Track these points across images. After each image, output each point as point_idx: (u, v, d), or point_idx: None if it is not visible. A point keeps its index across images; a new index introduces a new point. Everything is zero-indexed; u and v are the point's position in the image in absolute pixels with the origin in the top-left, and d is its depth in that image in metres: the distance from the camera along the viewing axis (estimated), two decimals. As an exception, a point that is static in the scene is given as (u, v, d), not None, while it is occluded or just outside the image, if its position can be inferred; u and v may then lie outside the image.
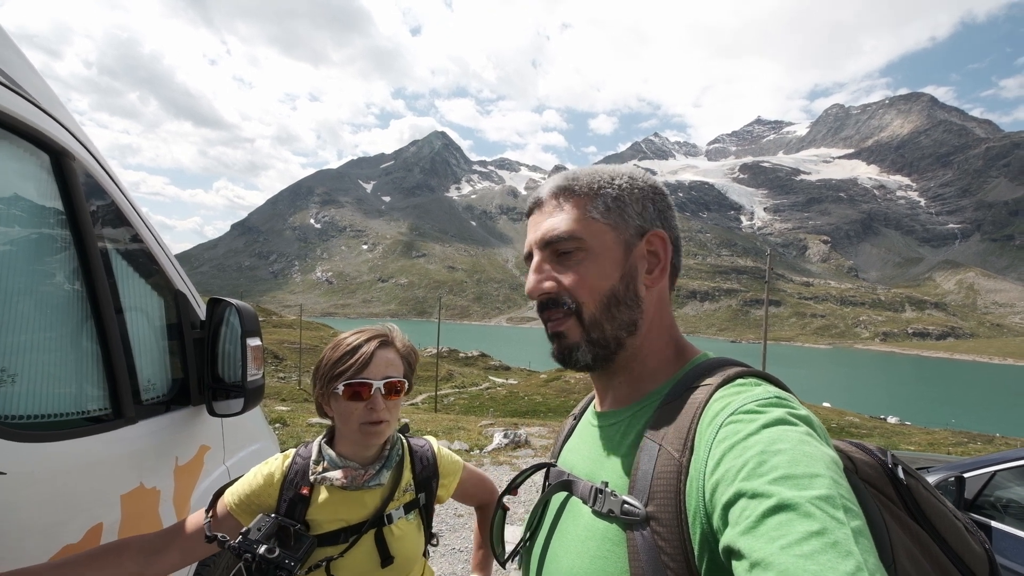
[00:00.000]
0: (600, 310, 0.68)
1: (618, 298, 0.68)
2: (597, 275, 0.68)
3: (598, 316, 0.68)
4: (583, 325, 0.69)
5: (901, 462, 0.65)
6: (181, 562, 1.02)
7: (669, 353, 0.71)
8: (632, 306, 0.69)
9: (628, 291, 0.69)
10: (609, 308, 0.68)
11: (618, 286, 0.68)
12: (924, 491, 0.64)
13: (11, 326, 0.99)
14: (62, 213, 1.11)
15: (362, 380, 1.05)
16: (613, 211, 0.69)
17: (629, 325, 0.69)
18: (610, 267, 0.68)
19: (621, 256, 0.69)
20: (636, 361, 0.71)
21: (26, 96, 1.01)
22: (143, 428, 1.28)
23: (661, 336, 0.71)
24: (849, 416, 38.07)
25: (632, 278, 0.69)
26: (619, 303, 0.68)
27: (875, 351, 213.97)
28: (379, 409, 1.06)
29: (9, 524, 0.91)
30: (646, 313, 0.70)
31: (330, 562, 1.05)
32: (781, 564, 0.42)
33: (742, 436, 0.52)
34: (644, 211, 0.70)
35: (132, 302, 1.33)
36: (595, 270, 0.68)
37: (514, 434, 10.28)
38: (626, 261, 0.69)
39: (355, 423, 1.06)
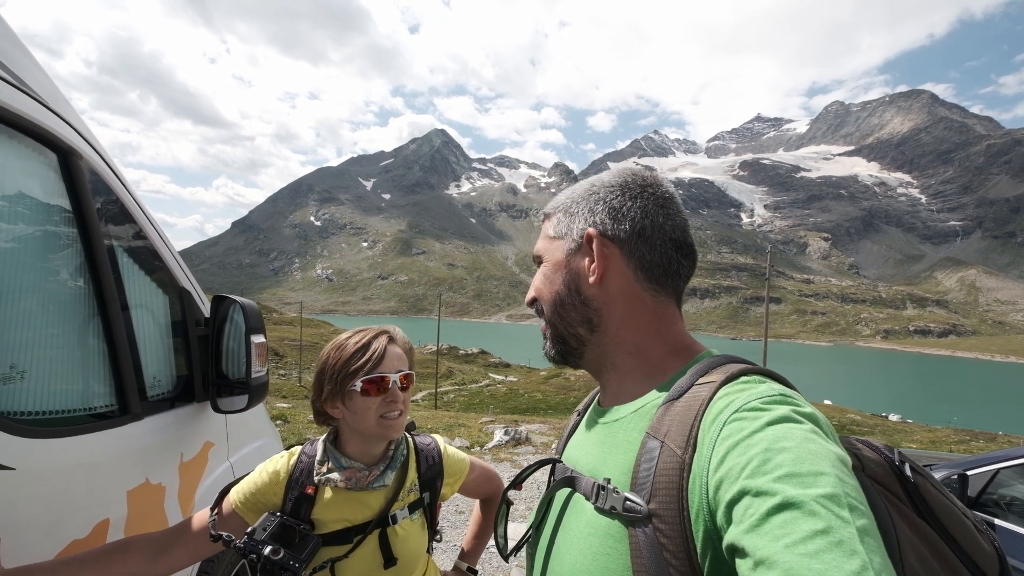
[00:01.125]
0: (551, 312, 0.76)
1: (563, 300, 0.74)
2: (545, 283, 0.77)
3: (551, 318, 0.76)
4: (547, 324, 0.78)
5: (909, 459, 0.65)
6: (187, 560, 1.02)
7: (662, 350, 0.72)
8: (579, 306, 0.73)
9: (571, 293, 0.73)
10: (556, 310, 0.75)
11: (561, 290, 0.74)
12: (932, 489, 0.63)
13: (19, 323, 1.00)
14: (69, 211, 1.12)
15: (381, 374, 1.07)
16: (563, 224, 0.76)
17: (584, 323, 0.73)
18: (553, 274, 0.76)
19: (563, 263, 0.75)
20: (617, 357, 0.73)
21: (33, 95, 1.01)
22: (149, 424, 1.29)
23: (644, 332, 0.72)
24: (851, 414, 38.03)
25: (575, 281, 0.73)
26: (564, 304, 0.74)
27: (876, 349, 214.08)
28: (399, 400, 1.09)
29: (18, 519, 0.92)
30: (607, 310, 0.72)
31: (335, 563, 1.06)
32: (785, 563, 0.42)
33: (746, 433, 0.52)
34: (591, 213, 0.73)
35: (138, 299, 1.34)
36: (544, 279, 0.77)
37: (515, 431, 10.26)
38: (568, 266, 0.74)
39: (374, 417, 1.07)
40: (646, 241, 0.71)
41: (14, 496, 0.91)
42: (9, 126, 0.97)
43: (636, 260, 0.71)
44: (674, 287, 0.73)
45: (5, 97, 0.94)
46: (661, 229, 0.72)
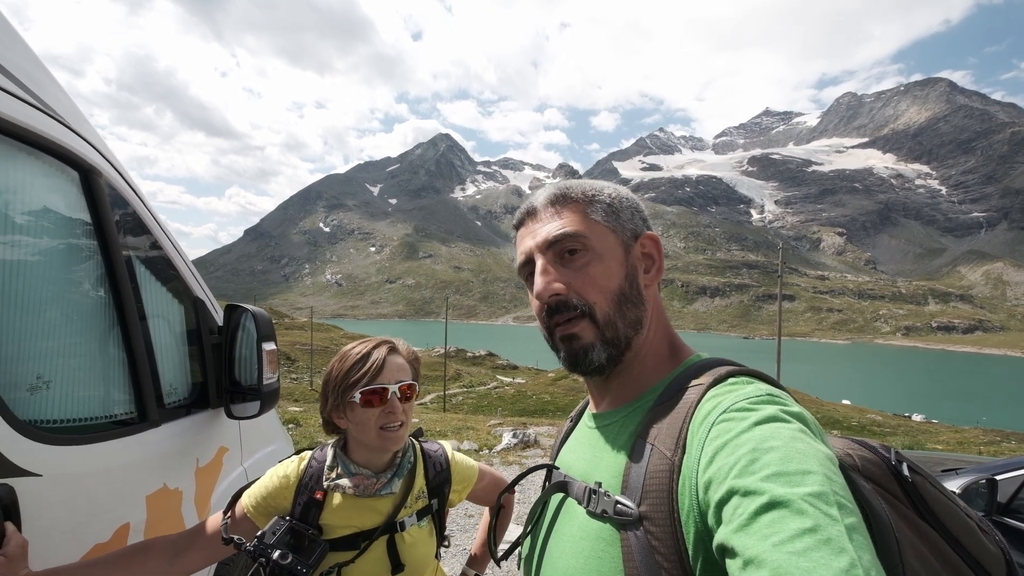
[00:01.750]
0: (613, 308, 0.69)
1: (626, 296, 0.70)
2: (605, 275, 0.70)
3: (612, 315, 0.69)
4: (597, 325, 0.69)
5: (906, 459, 0.65)
6: (203, 562, 1.05)
7: (664, 353, 0.73)
8: (638, 304, 0.71)
9: (633, 289, 0.70)
10: (620, 306, 0.70)
11: (624, 284, 0.70)
12: (932, 488, 0.62)
13: (44, 333, 1.04)
14: (89, 226, 1.16)
15: (379, 385, 1.07)
16: (610, 215, 0.73)
17: (636, 323, 0.71)
18: (615, 267, 0.70)
19: (622, 256, 0.71)
20: (637, 361, 0.72)
21: (56, 116, 1.06)
22: (166, 431, 1.32)
23: (659, 335, 0.73)
24: (871, 414, 36.61)
25: (634, 277, 0.71)
26: (627, 301, 0.70)
27: (897, 346, 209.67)
28: (397, 412, 1.09)
29: (45, 523, 0.94)
30: (649, 311, 0.72)
31: (341, 568, 1.07)
32: (774, 561, 0.42)
33: (734, 434, 0.52)
34: (634, 217, 0.74)
35: (155, 309, 1.38)
36: (602, 270, 0.70)
37: (523, 434, 9.98)
38: (627, 261, 0.71)
39: (373, 429, 1.08)
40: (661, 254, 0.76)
41: (41, 501, 0.94)
42: (34, 146, 1.01)
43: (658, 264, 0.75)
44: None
45: (30, 119, 0.98)
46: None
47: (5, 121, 0.92)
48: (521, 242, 0.76)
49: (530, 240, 0.74)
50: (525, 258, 0.75)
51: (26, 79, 0.99)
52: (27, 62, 1.01)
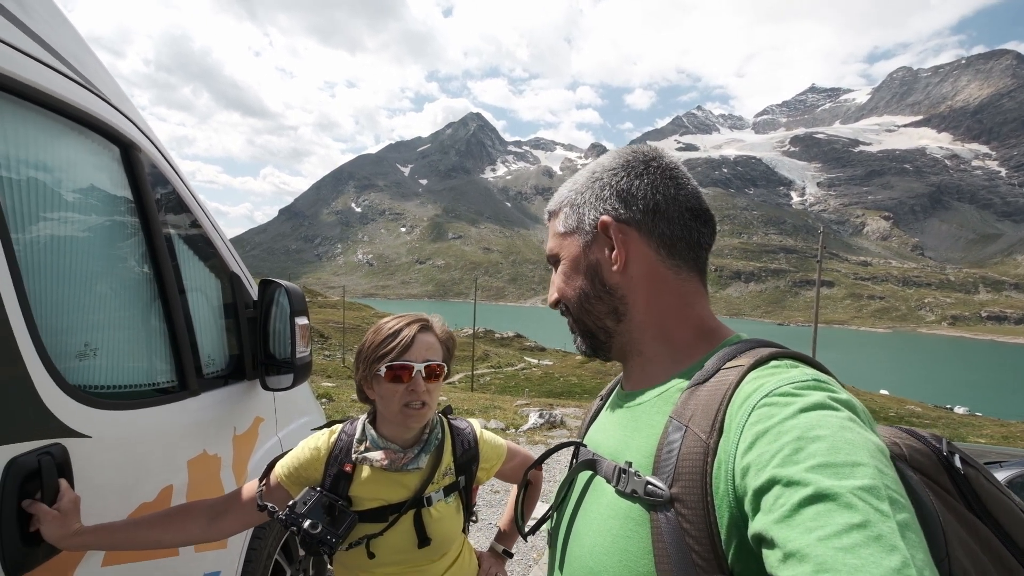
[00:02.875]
0: (577, 309, 0.74)
1: (587, 294, 0.72)
2: (566, 281, 0.75)
3: (578, 314, 0.75)
4: (573, 323, 0.77)
5: (958, 450, 0.62)
6: (239, 526, 1.10)
7: (688, 332, 0.70)
8: (604, 297, 0.71)
9: (595, 286, 0.72)
10: (582, 305, 0.73)
11: (584, 286, 0.73)
12: (985, 482, 0.59)
13: (91, 305, 1.09)
14: (131, 201, 1.20)
15: (404, 363, 1.08)
16: (571, 218, 0.74)
17: (610, 314, 0.71)
18: (572, 270, 0.74)
19: (581, 256, 0.73)
20: (643, 343, 0.71)
21: (99, 93, 1.09)
22: (205, 400, 1.38)
23: (670, 314, 0.70)
24: (910, 405, 35.56)
25: (596, 272, 0.72)
26: (589, 298, 0.72)
27: (942, 336, 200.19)
28: (420, 391, 1.09)
29: (94, 483, 1.00)
30: (631, 296, 0.70)
31: (370, 540, 1.10)
32: (819, 556, 0.40)
33: (777, 420, 0.50)
34: (599, 201, 0.71)
35: (194, 284, 1.43)
36: (564, 277, 0.75)
37: (549, 414, 10.14)
38: (585, 259, 0.73)
39: (397, 405, 1.10)
40: (663, 216, 0.69)
41: (91, 461, 0.99)
42: (78, 122, 1.05)
43: (656, 238, 0.69)
44: (696, 259, 0.71)
45: (74, 96, 1.01)
46: (675, 200, 0.69)
47: (52, 97, 0.96)
48: None
49: None
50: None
51: (71, 58, 1.02)
52: (71, 42, 1.05)
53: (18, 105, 0.92)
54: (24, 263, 0.91)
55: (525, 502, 0.97)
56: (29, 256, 0.94)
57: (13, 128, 0.93)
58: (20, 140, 0.94)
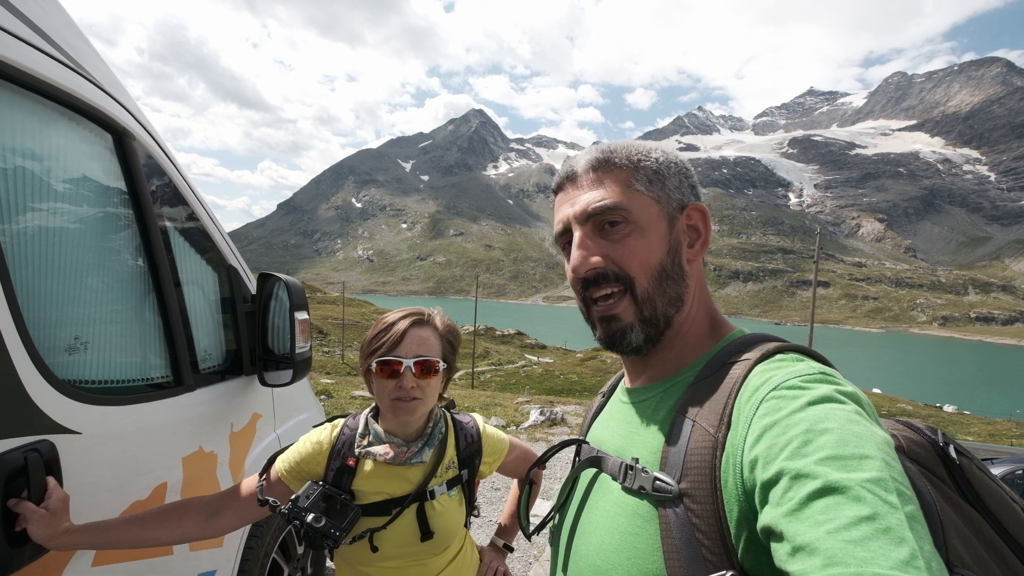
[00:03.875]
0: (653, 285, 0.66)
1: (667, 272, 0.67)
2: (647, 249, 0.66)
3: (651, 292, 0.66)
4: (636, 302, 0.66)
5: (953, 441, 0.62)
6: (237, 523, 1.07)
7: (706, 329, 0.70)
8: (679, 280, 0.67)
9: (675, 265, 0.67)
10: (661, 283, 0.66)
11: (666, 260, 0.67)
12: (978, 471, 0.61)
13: (82, 298, 1.05)
14: (124, 192, 1.16)
15: (393, 358, 1.07)
16: (655, 184, 0.68)
17: (676, 300, 0.68)
18: (657, 240, 0.67)
19: (666, 229, 0.67)
20: (679, 338, 0.69)
21: (92, 79, 1.06)
22: (201, 395, 1.35)
23: (701, 311, 0.70)
24: (901, 403, 36.59)
25: (677, 252, 0.67)
26: (668, 277, 0.67)
27: (933, 336, 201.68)
28: (407, 387, 1.07)
29: (85, 480, 0.97)
30: (690, 288, 0.69)
31: (373, 533, 1.09)
32: (828, 549, 0.40)
33: (785, 413, 0.50)
34: (681, 185, 0.69)
35: (190, 276, 1.39)
36: (644, 244, 0.66)
37: (550, 412, 10.40)
38: (671, 234, 0.67)
39: (387, 399, 1.09)
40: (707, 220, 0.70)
41: (81, 458, 0.96)
42: (69, 108, 1.01)
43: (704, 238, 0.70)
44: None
45: (67, 81, 0.98)
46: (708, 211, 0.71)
47: (42, 82, 0.93)
48: (559, 209, 0.72)
49: (568, 208, 0.70)
50: (563, 227, 0.71)
51: (63, 42, 1.00)
52: (63, 26, 1.02)
53: (6, 90, 0.89)
54: (11, 254, 0.88)
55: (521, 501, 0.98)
56: (16, 247, 0.91)
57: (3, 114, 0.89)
58: (8, 126, 0.91)
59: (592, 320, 0.70)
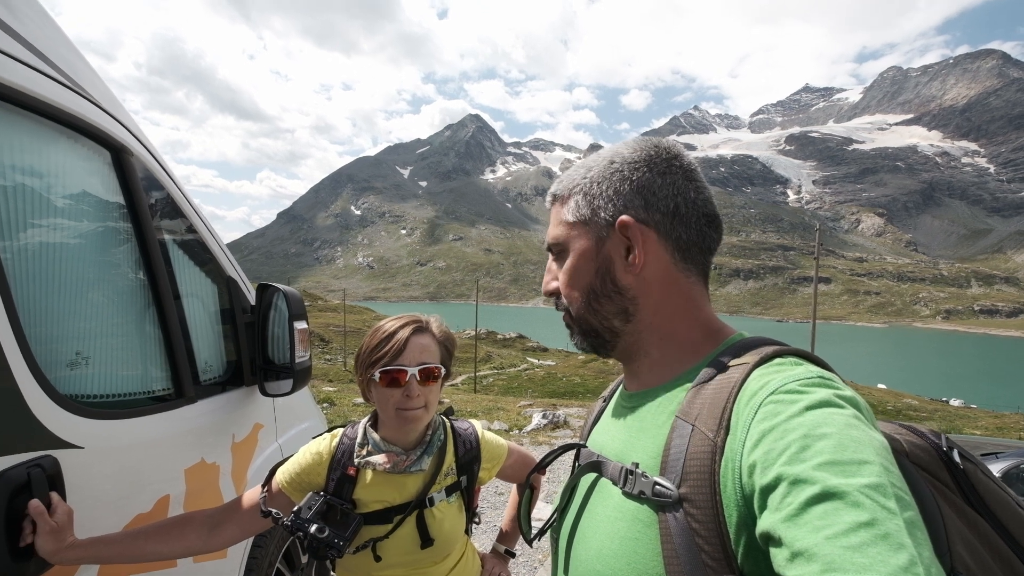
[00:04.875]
0: (582, 307, 0.71)
1: (596, 293, 0.70)
2: (574, 275, 0.71)
3: (581, 312, 0.71)
4: (573, 320, 0.73)
5: (957, 446, 0.61)
6: (240, 535, 1.08)
7: (696, 334, 0.69)
8: (614, 297, 0.69)
9: (605, 285, 0.69)
10: (589, 304, 0.70)
11: (594, 281, 0.70)
12: (983, 476, 0.60)
13: (83, 313, 1.06)
14: (123, 207, 1.18)
15: (397, 367, 1.07)
16: (583, 208, 0.70)
17: (619, 314, 0.69)
18: (584, 265, 0.70)
19: (593, 252, 0.70)
20: (651, 344, 0.70)
21: (88, 97, 1.08)
22: (202, 407, 1.36)
23: (678, 316, 0.69)
24: (907, 398, 36.29)
25: (607, 270, 0.69)
26: (600, 297, 0.69)
27: (937, 330, 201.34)
28: (414, 395, 1.07)
29: (88, 494, 0.97)
30: (643, 298, 0.69)
31: (376, 542, 1.09)
32: (827, 555, 0.39)
33: (783, 418, 0.50)
34: (617, 196, 0.68)
35: (189, 289, 1.40)
36: (572, 271, 0.71)
37: (553, 415, 10.34)
38: (598, 255, 0.69)
39: (392, 408, 1.09)
40: (681, 220, 0.67)
41: (84, 472, 0.96)
42: (68, 126, 1.03)
43: (673, 242, 0.67)
44: (704, 264, 0.71)
45: (64, 99, 1.00)
46: (694, 205, 0.68)
47: (40, 101, 0.94)
48: None
49: None
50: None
51: (60, 61, 1.01)
52: (60, 46, 1.04)
53: (6, 110, 0.91)
54: (12, 270, 0.89)
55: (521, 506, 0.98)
56: (18, 264, 0.92)
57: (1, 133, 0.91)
58: (8, 145, 0.93)
59: None
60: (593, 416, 0.84)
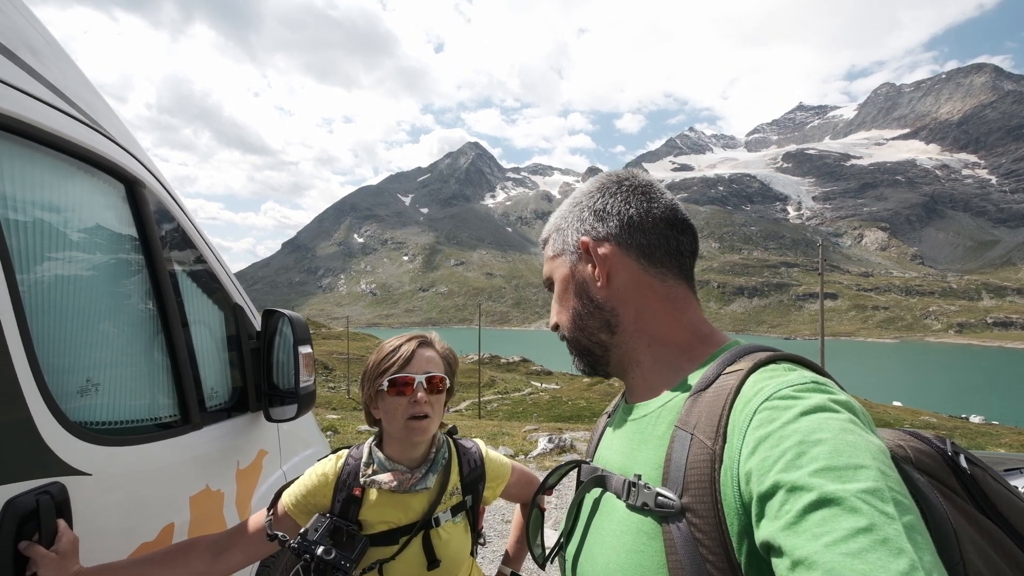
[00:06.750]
0: (573, 331, 0.76)
1: (580, 314, 0.74)
2: (561, 304, 0.77)
3: (574, 335, 0.76)
4: (568, 343, 0.78)
5: (963, 450, 0.61)
6: (245, 561, 1.07)
7: (684, 335, 0.70)
8: (594, 312, 0.73)
9: (585, 303, 0.73)
10: (576, 324, 0.75)
11: (576, 305, 0.74)
12: (992, 481, 0.58)
13: (95, 342, 1.08)
14: (136, 238, 1.21)
15: (405, 375, 1.10)
16: (558, 242, 0.77)
17: (603, 327, 0.73)
18: (564, 293, 0.76)
19: (569, 277, 0.75)
20: (639, 352, 0.71)
21: (105, 133, 1.13)
22: (208, 434, 1.36)
23: (660, 319, 0.70)
24: (925, 416, 35.09)
25: (583, 290, 0.74)
26: (582, 317, 0.74)
27: (950, 344, 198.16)
28: (422, 402, 1.10)
29: (95, 522, 0.97)
30: (621, 307, 0.71)
31: (383, 564, 1.09)
32: (826, 563, 0.39)
33: (779, 424, 0.50)
34: (580, 223, 0.75)
35: (197, 316, 1.42)
36: (559, 298, 0.78)
37: (559, 439, 10.07)
38: (574, 279, 0.75)
39: (400, 419, 1.10)
40: (637, 228, 0.71)
41: (91, 500, 0.96)
42: (84, 161, 1.07)
43: (635, 249, 0.71)
44: (679, 266, 0.72)
45: (81, 135, 1.04)
46: (648, 213, 0.72)
47: (59, 137, 0.99)
48: None
49: None
50: None
51: (77, 99, 1.06)
52: (79, 85, 1.10)
53: (26, 147, 0.95)
54: (28, 300, 0.91)
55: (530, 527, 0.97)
56: (34, 296, 0.94)
57: (21, 168, 0.94)
58: (27, 180, 0.95)
59: None
60: (598, 433, 0.85)
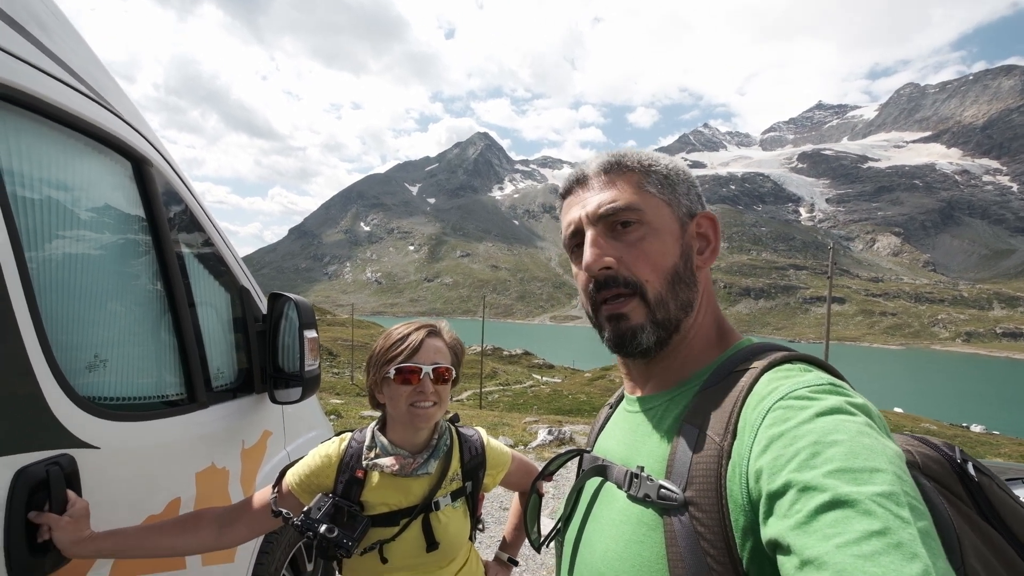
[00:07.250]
0: (665, 288, 0.66)
1: (680, 276, 0.66)
2: (660, 251, 0.66)
3: (664, 295, 0.66)
4: (648, 305, 0.65)
5: (971, 458, 0.61)
6: (249, 535, 1.11)
7: (713, 336, 0.69)
8: (691, 285, 0.67)
9: (687, 269, 0.67)
10: (673, 286, 0.66)
11: (679, 263, 0.67)
12: (998, 490, 0.58)
13: (103, 319, 1.10)
14: (143, 218, 1.22)
15: (413, 364, 1.11)
16: (666, 188, 0.69)
17: (687, 305, 0.67)
18: (671, 243, 0.67)
19: (679, 232, 0.67)
20: (685, 344, 0.69)
21: (113, 110, 1.13)
22: (214, 413, 1.39)
23: (708, 318, 0.70)
24: (925, 423, 35.05)
25: (689, 256, 0.68)
26: (681, 281, 0.66)
27: (957, 353, 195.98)
28: (428, 392, 1.11)
29: (103, 494, 1.00)
30: (702, 295, 0.69)
31: (383, 545, 1.12)
32: (838, 564, 0.39)
33: (793, 424, 0.49)
34: (689, 193, 0.70)
35: (204, 297, 1.44)
36: (657, 246, 0.66)
37: (558, 431, 10.28)
38: (682, 238, 0.68)
39: (404, 405, 1.12)
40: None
41: (99, 472, 0.99)
42: (92, 138, 1.07)
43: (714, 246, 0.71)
44: None
45: (89, 112, 1.04)
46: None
47: (67, 113, 0.99)
48: (568, 212, 0.72)
49: (579, 210, 0.69)
50: (573, 228, 0.70)
51: (86, 75, 1.06)
52: (89, 63, 1.09)
53: (35, 122, 0.95)
54: (37, 279, 0.92)
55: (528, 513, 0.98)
56: (42, 272, 0.95)
57: (29, 143, 0.94)
58: (35, 156, 0.95)
59: (600, 321, 0.69)
60: (600, 423, 0.84)
